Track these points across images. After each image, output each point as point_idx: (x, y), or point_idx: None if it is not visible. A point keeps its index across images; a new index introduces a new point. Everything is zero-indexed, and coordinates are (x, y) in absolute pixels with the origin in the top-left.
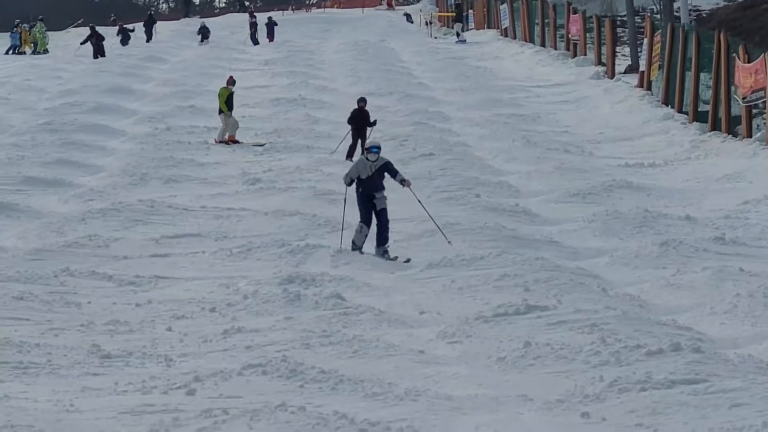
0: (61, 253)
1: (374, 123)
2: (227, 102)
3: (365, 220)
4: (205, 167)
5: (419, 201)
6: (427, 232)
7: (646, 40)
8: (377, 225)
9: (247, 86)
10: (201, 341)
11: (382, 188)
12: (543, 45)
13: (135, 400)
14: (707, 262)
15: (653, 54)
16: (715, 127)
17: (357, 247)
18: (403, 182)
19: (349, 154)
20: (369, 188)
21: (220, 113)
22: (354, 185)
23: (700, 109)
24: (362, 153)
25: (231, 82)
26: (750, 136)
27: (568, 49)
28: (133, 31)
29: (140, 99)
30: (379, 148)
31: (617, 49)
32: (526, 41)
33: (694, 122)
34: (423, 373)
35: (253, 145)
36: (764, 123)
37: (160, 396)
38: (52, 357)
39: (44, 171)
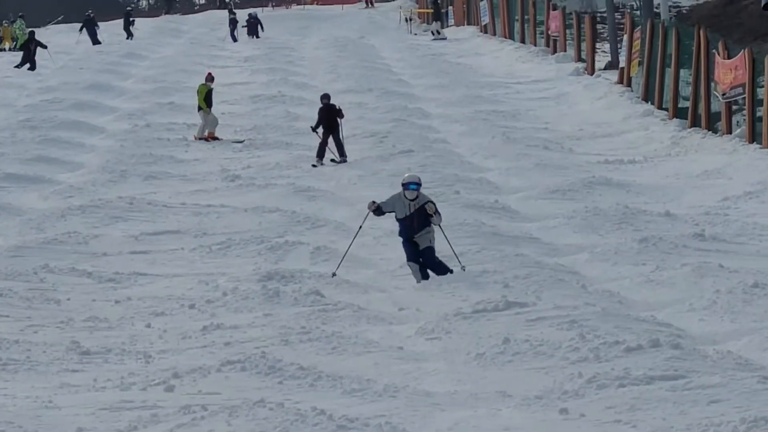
0: (40, 250)
1: (340, 111)
2: (206, 99)
3: (411, 258)
4: (185, 164)
5: (446, 237)
6: None
7: (625, 37)
8: (428, 267)
9: (226, 83)
10: (180, 338)
11: (425, 226)
12: (523, 41)
13: (114, 396)
14: (687, 259)
15: (633, 50)
16: (695, 123)
17: (418, 281)
18: (432, 217)
19: (320, 154)
20: (406, 230)
21: (199, 110)
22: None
23: (680, 106)
24: (339, 153)
25: (210, 78)
26: (730, 132)
27: (547, 46)
28: (97, 26)
29: (120, 96)
30: (418, 184)
31: (597, 45)
32: (505, 38)
33: (674, 118)
34: (402, 370)
35: (233, 142)
36: (744, 119)
37: (138, 392)
38: (31, 353)
39: (24, 168)
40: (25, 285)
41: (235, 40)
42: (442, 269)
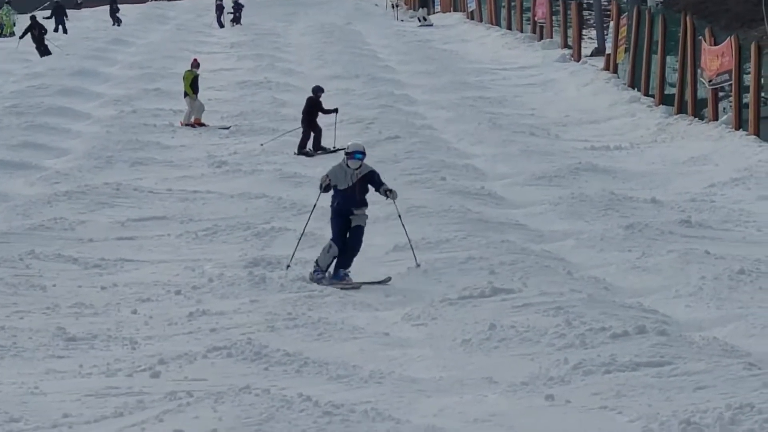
0: (26, 236)
1: (335, 111)
2: (192, 85)
3: (336, 239)
4: (171, 150)
5: (399, 216)
6: (392, 215)
7: (612, 23)
8: (347, 243)
9: (213, 69)
10: (166, 324)
11: (363, 204)
12: (509, 28)
13: (99, 382)
14: (673, 245)
15: (619, 37)
16: (682, 110)
17: (320, 268)
18: (388, 192)
19: (300, 147)
20: (346, 202)
21: (185, 96)
22: (331, 195)
23: (666, 92)
24: (313, 146)
25: (195, 65)
26: (716, 119)
27: (534, 32)
28: (65, 15)
29: (106, 82)
30: (363, 153)
31: (583, 32)
32: (492, 24)
33: (661, 105)
34: (388, 356)
35: (219, 128)
36: (730, 106)
37: (124, 378)
38: (17, 339)
39: (10, 154)
40: (11, 271)
41: (221, 26)
42: (351, 258)
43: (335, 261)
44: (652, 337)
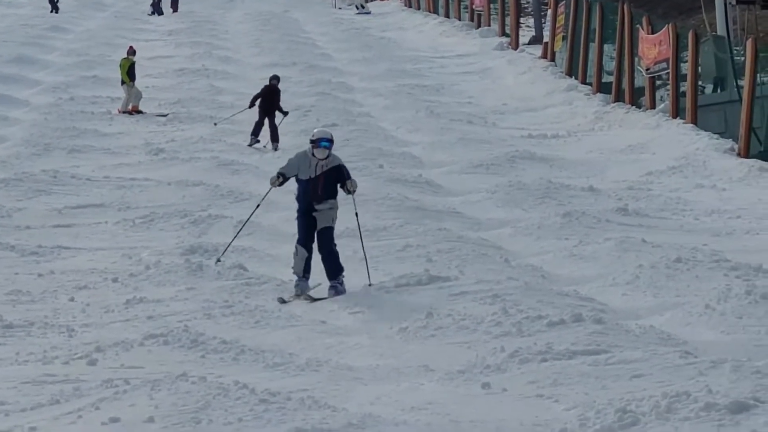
0: None
1: (286, 113)
2: (129, 72)
3: (302, 241)
4: (109, 137)
5: (356, 214)
6: None
7: (549, 11)
8: (320, 252)
9: (150, 56)
10: (103, 311)
11: (330, 196)
12: (447, 16)
13: (36, 370)
14: (610, 233)
15: (557, 25)
16: (619, 98)
17: (296, 273)
18: (347, 187)
19: (254, 133)
20: (306, 194)
21: (122, 84)
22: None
23: (603, 81)
24: (271, 138)
25: (131, 52)
26: (653, 107)
27: (472, 20)
28: None
29: (44, 69)
30: (330, 141)
31: (521, 20)
32: (430, 12)
33: (598, 93)
34: (325, 344)
35: (157, 116)
36: (668, 94)
37: (61, 366)
38: None
39: None
40: None
41: (160, 13)
42: (336, 266)
43: (326, 274)
44: (589, 325)
